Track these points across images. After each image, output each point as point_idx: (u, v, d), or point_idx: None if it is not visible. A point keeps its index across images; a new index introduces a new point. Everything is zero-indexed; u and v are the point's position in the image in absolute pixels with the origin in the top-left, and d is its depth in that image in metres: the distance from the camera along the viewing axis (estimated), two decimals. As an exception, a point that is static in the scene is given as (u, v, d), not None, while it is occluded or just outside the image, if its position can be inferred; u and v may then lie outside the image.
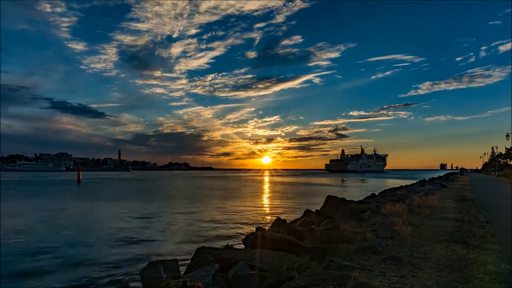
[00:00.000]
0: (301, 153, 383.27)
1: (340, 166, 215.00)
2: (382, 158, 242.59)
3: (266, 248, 7.13)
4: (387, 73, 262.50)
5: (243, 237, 10.58)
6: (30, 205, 30.63)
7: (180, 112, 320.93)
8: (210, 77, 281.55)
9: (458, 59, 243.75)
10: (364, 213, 12.84)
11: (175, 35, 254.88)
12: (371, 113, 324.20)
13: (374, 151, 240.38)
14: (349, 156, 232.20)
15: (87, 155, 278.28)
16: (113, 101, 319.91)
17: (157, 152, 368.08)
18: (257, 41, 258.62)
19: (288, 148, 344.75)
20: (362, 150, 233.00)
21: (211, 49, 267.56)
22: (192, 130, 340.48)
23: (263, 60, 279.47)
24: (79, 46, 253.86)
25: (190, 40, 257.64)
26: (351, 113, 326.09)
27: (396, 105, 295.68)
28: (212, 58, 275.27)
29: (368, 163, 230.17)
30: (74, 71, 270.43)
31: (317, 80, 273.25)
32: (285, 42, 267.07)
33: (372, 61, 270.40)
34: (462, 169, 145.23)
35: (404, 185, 39.72)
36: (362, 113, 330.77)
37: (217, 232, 17.39)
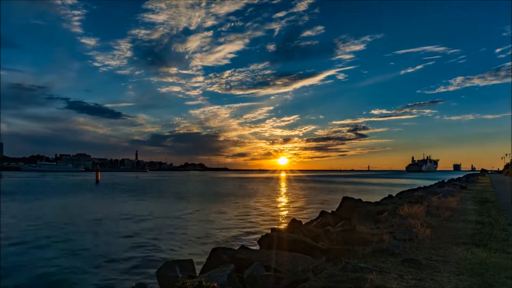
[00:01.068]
0: (318, 153, 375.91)
1: (417, 168, 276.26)
2: (435, 162, 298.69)
3: (281, 249, 7.11)
4: (418, 67, 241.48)
5: (258, 237, 10.58)
6: (53, 205, 31.42)
7: (197, 111, 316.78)
8: (227, 73, 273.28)
9: (498, 50, 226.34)
10: (381, 214, 12.64)
11: (192, 27, 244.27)
12: (393, 111, 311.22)
13: (429, 156, 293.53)
14: (419, 160, 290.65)
15: (105, 156, 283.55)
16: (128, 101, 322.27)
17: (173, 153, 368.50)
18: (276, 33, 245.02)
19: (305, 149, 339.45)
20: (428, 157, 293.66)
21: (229, 41, 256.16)
22: (208, 130, 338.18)
23: (283, 54, 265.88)
24: (91, 42, 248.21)
25: (206, 33, 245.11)
26: (372, 111, 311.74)
27: (421, 102, 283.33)
28: (230, 53, 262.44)
29: (430, 166, 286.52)
30: (88, 68, 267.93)
31: (340, 76, 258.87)
32: (307, 33, 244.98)
33: (400, 54, 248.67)
34: (483, 170, 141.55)
35: (422, 186, 39.00)
36: (384, 111, 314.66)
37: (232, 233, 17.44)
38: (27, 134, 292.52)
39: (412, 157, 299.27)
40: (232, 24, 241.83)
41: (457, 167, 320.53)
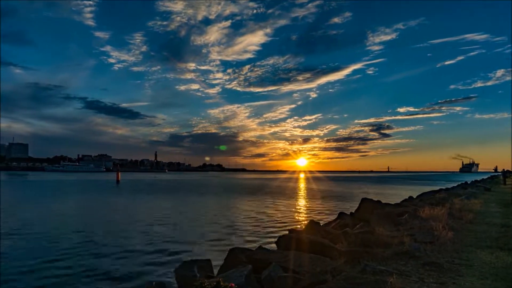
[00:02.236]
0: (337, 154, 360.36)
1: (468, 169, 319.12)
2: (477, 165, 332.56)
3: (299, 250, 7.08)
4: (459, 58, 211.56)
5: (275, 238, 10.56)
6: (79, 205, 32.27)
7: (216, 110, 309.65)
8: (246, 68, 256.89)
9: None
10: (401, 216, 12.42)
11: (211, 16, 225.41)
12: (421, 109, 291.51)
13: (473, 160, 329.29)
14: (468, 164, 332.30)
15: (125, 156, 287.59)
16: (145, 100, 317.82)
17: (191, 153, 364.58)
18: (300, 20, 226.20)
19: (324, 149, 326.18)
20: (473, 161, 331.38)
21: (250, 31, 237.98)
22: (227, 130, 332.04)
23: (305, 46, 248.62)
24: (105, 36, 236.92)
25: (225, 22, 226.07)
26: (398, 109, 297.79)
27: (453, 99, 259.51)
28: (250, 45, 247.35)
29: (476, 168, 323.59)
30: (103, 65, 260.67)
31: (367, 71, 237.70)
32: (333, 20, 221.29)
33: (437, 44, 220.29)
34: (505, 172, 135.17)
35: (444, 188, 38.09)
36: (411, 109, 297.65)
37: (250, 233, 17.47)
38: (48, 135, 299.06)
39: (462, 161, 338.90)
40: (254, 11, 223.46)
41: (468, 168, 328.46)
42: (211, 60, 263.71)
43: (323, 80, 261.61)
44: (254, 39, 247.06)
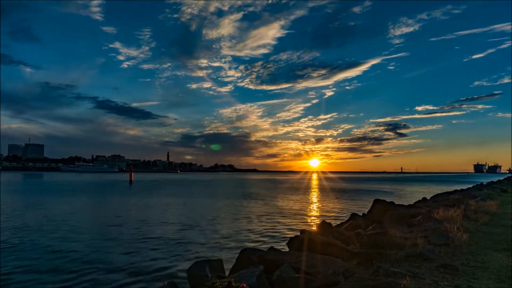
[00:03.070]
0: (351, 154, 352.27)
1: (493, 170, 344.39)
2: (500, 166, 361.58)
3: (311, 251, 7.05)
4: (490, 50, 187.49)
5: (287, 239, 10.53)
6: (95, 204, 32.79)
7: (228, 110, 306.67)
8: (259, 65, 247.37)
9: None
10: (414, 218, 12.26)
11: (224, 8, 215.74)
12: (439, 107, 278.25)
13: (497, 163, 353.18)
14: (492, 166, 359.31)
15: (137, 157, 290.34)
16: (156, 99, 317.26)
17: (203, 154, 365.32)
18: (319, 11, 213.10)
19: (338, 149, 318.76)
20: (496, 163, 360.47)
21: (265, 23, 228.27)
22: (239, 130, 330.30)
23: (322, 40, 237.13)
24: (113, 31, 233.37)
25: (237, 14, 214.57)
26: (416, 107, 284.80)
27: (475, 96, 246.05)
28: (264, 39, 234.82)
29: (498, 170, 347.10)
30: (112, 63, 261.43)
31: (387, 66, 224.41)
32: (354, 9, 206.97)
33: (464, 35, 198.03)
34: None
35: (459, 189, 37.44)
36: (429, 107, 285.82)
37: (261, 233, 17.46)
38: (62, 135, 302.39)
39: (486, 163, 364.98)
40: (269, 1, 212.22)
41: (479, 168, 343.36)
42: (222, 56, 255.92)
43: (340, 76, 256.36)
44: (268, 32, 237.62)
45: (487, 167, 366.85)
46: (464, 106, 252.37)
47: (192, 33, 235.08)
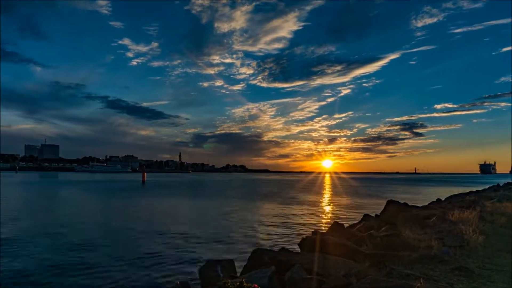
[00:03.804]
0: (364, 155, 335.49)
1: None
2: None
3: (323, 252, 7.01)
4: None
5: (299, 239, 10.49)
6: (110, 204, 33.27)
7: (240, 109, 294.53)
8: (272, 61, 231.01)
9: None
10: (428, 219, 12.08)
11: None
12: (459, 105, 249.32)
13: None
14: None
15: (150, 157, 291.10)
16: (167, 98, 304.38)
17: (215, 154, 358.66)
18: (336, 2, 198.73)
19: (351, 150, 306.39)
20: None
21: (279, 15, 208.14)
22: (252, 130, 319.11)
23: (339, 33, 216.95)
24: (121, 26, 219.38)
25: (249, 6, 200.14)
26: (435, 106, 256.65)
27: (498, 94, 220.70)
28: (278, 32, 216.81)
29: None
30: (121, 60, 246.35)
31: (407, 61, 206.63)
32: None
33: (494, 26, 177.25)
34: None
35: (474, 190, 36.75)
36: (449, 105, 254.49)
37: (273, 234, 17.43)
38: (75, 136, 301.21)
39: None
40: None
41: (486, 169, 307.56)
42: (234, 52, 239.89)
43: (357, 73, 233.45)
44: (283, 25, 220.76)
45: (493, 168, 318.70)
46: (486, 104, 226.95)
47: (203, 26, 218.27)
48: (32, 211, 25.94)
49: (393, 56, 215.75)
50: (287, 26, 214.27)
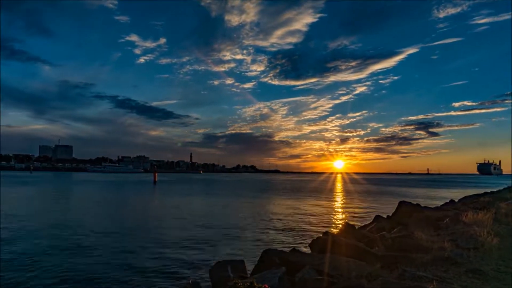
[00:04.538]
0: (377, 155, 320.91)
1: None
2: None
3: (333, 254, 6.97)
4: None
5: (309, 240, 10.45)
6: (123, 202, 33.69)
7: (252, 108, 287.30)
8: (284, 56, 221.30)
9: None
10: (441, 221, 11.91)
11: None
12: (479, 103, 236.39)
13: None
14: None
15: (161, 158, 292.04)
16: (176, 97, 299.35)
17: (225, 154, 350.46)
18: None
19: (363, 150, 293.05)
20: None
21: (292, 5, 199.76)
22: (263, 130, 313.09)
23: (355, 25, 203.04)
24: (127, 20, 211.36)
25: None
26: (453, 104, 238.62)
27: None
28: (292, 24, 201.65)
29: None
30: (128, 57, 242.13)
31: (427, 56, 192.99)
32: None
33: None
34: None
35: (488, 191, 36.08)
36: (468, 103, 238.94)
37: (283, 234, 17.39)
38: (86, 136, 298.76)
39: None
40: None
41: (485, 169, 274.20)
42: (245, 47, 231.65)
43: (373, 68, 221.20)
44: (296, 17, 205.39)
45: (495, 167, 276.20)
46: (507, 101, 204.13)
47: (213, 20, 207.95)
48: (49, 211, 26.40)
49: (412, 50, 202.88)
50: (301, 18, 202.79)
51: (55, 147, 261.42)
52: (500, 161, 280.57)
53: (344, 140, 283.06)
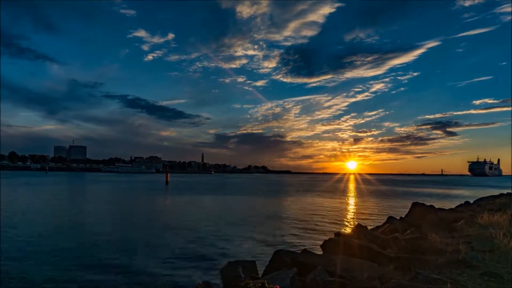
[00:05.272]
0: (391, 155, 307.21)
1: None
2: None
3: (345, 255, 6.91)
4: None
5: (321, 241, 10.39)
6: (136, 202, 34.09)
7: (263, 107, 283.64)
8: (297, 52, 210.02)
9: None
10: (456, 223, 11.71)
11: None
12: (501, 100, 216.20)
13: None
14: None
15: (173, 158, 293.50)
16: (186, 96, 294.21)
17: (236, 155, 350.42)
18: None
19: (377, 150, 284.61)
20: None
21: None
22: (275, 130, 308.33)
23: (372, 17, 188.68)
24: (134, 14, 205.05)
25: None
26: (474, 101, 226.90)
27: None
28: (308, 16, 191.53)
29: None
30: (136, 54, 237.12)
31: (450, 49, 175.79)
32: None
33: None
34: None
35: (505, 192, 35.30)
36: (489, 101, 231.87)
37: (295, 235, 17.32)
38: (98, 137, 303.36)
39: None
40: None
41: (478, 168, 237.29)
42: (257, 42, 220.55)
43: (391, 64, 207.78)
44: (312, 8, 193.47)
45: (491, 167, 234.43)
46: None
47: (223, 12, 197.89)
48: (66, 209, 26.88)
49: (433, 43, 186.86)
50: (317, 9, 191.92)
51: (69, 147, 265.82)
52: (498, 160, 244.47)
53: (357, 140, 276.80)
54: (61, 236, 16.41)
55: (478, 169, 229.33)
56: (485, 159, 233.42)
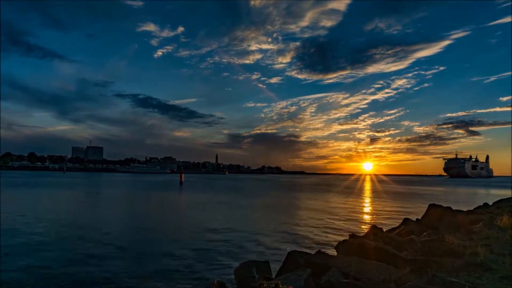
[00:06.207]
0: (408, 156, 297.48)
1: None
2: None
3: (360, 257, 6.84)
4: None
5: (335, 242, 10.31)
6: (152, 202, 34.55)
7: (278, 106, 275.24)
8: (314, 46, 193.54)
9: None
10: (474, 224, 11.45)
11: None
12: None
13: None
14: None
15: (188, 159, 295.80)
16: (198, 94, 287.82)
17: (250, 155, 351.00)
18: None
19: (394, 150, 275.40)
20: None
21: None
22: (290, 129, 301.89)
23: (394, 5, 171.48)
24: (141, 5, 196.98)
25: None
26: (501, 98, 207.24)
27: None
28: (326, 3, 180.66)
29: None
30: (146, 50, 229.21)
31: (481, 40, 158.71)
32: None
33: None
34: None
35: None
36: None
37: (309, 236, 17.24)
38: (113, 138, 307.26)
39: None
40: None
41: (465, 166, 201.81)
42: (271, 35, 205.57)
43: (414, 57, 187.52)
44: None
45: (476, 166, 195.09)
46: None
47: (237, 3, 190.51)
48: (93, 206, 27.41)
49: (462, 33, 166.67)
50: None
51: (86, 148, 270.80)
52: (487, 157, 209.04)
53: (374, 140, 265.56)
54: (76, 232, 16.75)
55: (455, 168, 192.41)
56: (470, 156, 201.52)
